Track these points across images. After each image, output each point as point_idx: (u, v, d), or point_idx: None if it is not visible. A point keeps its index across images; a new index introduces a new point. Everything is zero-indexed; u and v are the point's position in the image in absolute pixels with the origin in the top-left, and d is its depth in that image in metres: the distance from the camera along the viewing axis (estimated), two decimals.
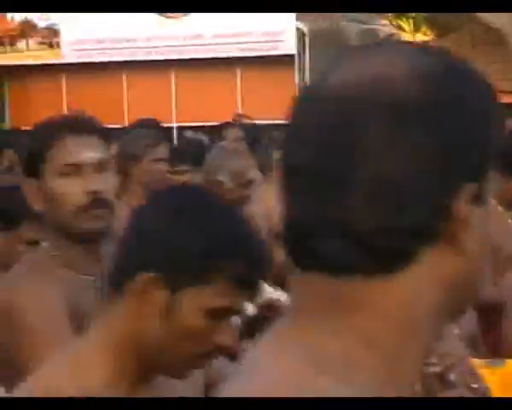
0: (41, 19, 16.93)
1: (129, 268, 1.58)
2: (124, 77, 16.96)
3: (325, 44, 16.24)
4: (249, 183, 4.13)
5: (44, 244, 2.31)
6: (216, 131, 6.54)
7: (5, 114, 17.80)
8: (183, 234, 1.56)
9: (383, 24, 18.18)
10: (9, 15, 17.06)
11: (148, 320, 1.56)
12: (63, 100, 17.44)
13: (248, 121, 11.88)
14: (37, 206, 2.28)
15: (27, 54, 17.16)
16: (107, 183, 2.29)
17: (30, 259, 2.32)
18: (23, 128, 11.84)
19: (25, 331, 2.09)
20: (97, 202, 2.24)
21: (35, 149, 2.29)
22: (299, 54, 15.88)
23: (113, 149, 4.68)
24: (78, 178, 2.24)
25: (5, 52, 17.30)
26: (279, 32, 15.58)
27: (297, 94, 0.96)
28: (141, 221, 1.64)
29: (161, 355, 1.57)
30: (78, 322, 2.08)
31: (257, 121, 11.19)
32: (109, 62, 16.58)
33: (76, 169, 2.24)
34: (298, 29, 15.71)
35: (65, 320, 2.10)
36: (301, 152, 0.89)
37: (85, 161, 2.25)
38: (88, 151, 2.27)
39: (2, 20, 17.14)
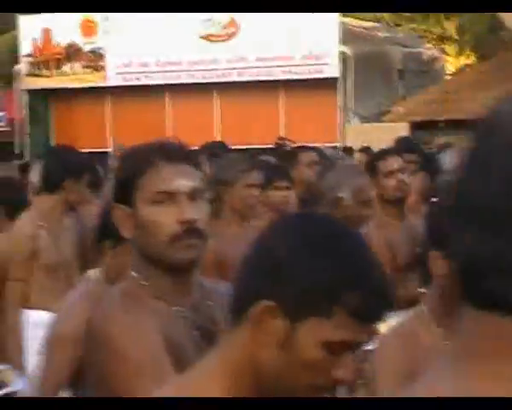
0: (86, 43, 17.14)
1: (248, 296, 1.53)
2: (167, 100, 17.09)
3: (369, 68, 16.25)
4: (369, 202, 4.12)
5: (133, 274, 2.20)
6: (290, 154, 6.44)
7: (50, 136, 17.99)
8: (306, 263, 1.50)
9: (427, 47, 18.14)
10: (55, 40, 17.29)
11: (266, 349, 1.52)
12: (107, 122, 17.61)
13: (292, 144, 11.89)
14: (128, 234, 2.20)
15: (72, 77, 17.37)
16: (200, 212, 2.20)
17: (121, 288, 2.23)
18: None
19: (122, 363, 2.03)
20: (190, 231, 2.15)
21: (127, 175, 2.22)
22: (343, 77, 15.88)
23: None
24: (172, 206, 2.16)
25: (51, 75, 17.53)
26: (322, 55, 15.61)
27: (480, 122, 0.88)
28: (263, 248, 1.57)
29: (277, 385, 1.54)
30: (171, 353, 2.04)
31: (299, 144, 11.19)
32: (153, 85, 16.71)
33: (169, 197, 2.17)
34: (341, 52, 15.72)
35: (163, 352, 2.04)
36: (485, 185, 0.84)
37: (179, 188, 2.17)
38: (181, 179, 2.19)
39: (47, 45, 17.37)
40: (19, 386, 3.32)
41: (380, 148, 5.82)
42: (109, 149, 13.88)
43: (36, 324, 4.37)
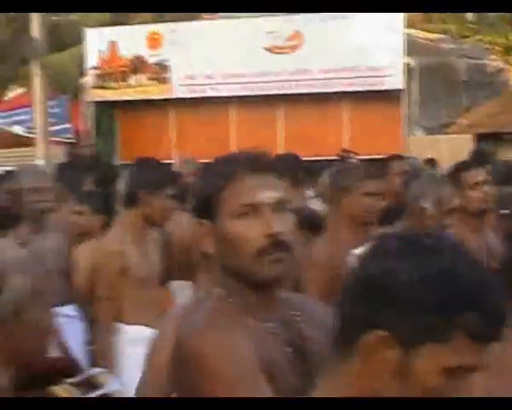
0: (152, 55, 17.31)
1: (356, 325, 1.46)
2: (231, 111, 17.16)
3: (433, 79, 16.15)
4: (452, 211, 4.11)
5: (217, 290, 2.16)
6: (381, 164, 6.41)
7: (115, 148, 18.18)
8: (420, 287, 1.42)
9: (492, 59, 17.96)
10: (121, 52, 17.50)
11: (379, 381, 1.45)
12: (171, 134, 17.73)
13: (355, 157, 11.86)
14: (210, 249, 2.15)
15: (138, 89, 17.55)
16: (285, 224, 2.12)
17: (208, 304, 2.16)
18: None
19: (219, 383, 1.95)
20: (276, 244, 2.08)
21: (208, 189, 2.16)
22: (407, 89, 15.79)
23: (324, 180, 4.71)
24: (256, 219, 2.10)
25: (117, 88, 17.74)
26: (386, 66, 15.54)
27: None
28: (367, 274, 1.48)
29: None
30: (265, 370, 1.99)
31: (363, 157, 11.17)
32: (217, 97, 16.80)
33: (254, 210, 2.10)
34: (406, 64, 15.63)
35: (257, 368, 1.98)
36: None
37: (264, 200, 2.11)
38: (266, 190, 2.12)
39: (114, 57, 17.59)
40: (113, 388, 3.39)
41: (444, 159, 5.76)
42: (173, 161, 13.99)
43: (132, 339, 4.43)
